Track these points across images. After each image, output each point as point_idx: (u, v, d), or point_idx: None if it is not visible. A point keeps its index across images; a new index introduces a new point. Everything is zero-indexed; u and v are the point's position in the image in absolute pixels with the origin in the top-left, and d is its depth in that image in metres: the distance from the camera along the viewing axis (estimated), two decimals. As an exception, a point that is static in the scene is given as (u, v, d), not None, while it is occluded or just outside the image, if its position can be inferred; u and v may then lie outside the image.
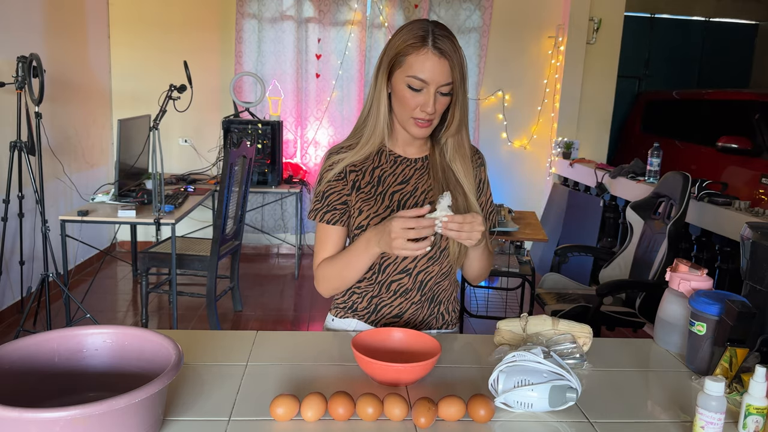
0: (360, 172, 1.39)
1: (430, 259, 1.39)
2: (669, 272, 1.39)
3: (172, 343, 0.99)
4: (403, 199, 1.38)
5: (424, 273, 1.39)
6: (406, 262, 1.38)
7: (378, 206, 1.37)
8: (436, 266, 1.40)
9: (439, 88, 1.27)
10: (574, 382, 1.07)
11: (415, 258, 1.37)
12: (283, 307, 4.12)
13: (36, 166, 3.15)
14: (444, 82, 1.27)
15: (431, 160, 1.40)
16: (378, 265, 1.39)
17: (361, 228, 1.37)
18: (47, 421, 0.79)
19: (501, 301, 4.25)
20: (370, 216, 1.36)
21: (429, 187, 1.39)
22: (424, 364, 1.11)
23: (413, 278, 1.39)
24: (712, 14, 7.12)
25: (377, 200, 1.37)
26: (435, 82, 1.26)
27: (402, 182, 1.39)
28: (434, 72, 1.25)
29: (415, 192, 1.39)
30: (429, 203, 1.34)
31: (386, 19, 4.97)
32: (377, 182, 1.38)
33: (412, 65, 1.26)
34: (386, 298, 1.41)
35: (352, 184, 1.38)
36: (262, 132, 4.47)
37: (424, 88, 1.27)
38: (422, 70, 1.26)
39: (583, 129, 5.16)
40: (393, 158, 1.40)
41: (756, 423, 1.00)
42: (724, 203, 3.03)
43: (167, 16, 4.88)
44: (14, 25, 3.61)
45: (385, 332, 1.25)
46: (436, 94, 1.28)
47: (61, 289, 3.23)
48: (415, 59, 1.26)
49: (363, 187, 1.38)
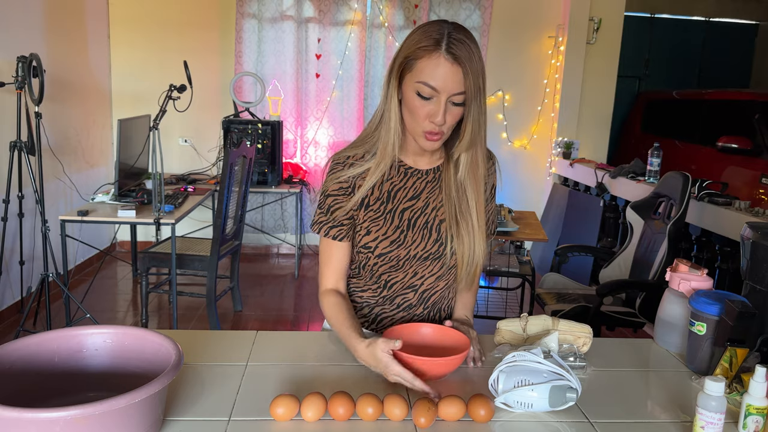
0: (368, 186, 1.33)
1: (438, 278, 1.36)
2: (669, 272, 1.39)
3: (172, 343, 0.99)
4: (413, 218, 1.32)
5: (430, 290, 1.37)
6: (413, 280, 1.36)
7: (387, 227, 1.31)
8: (442, 281, 1.37)
9: (451, 98, 1.17)
10: (574, 382, 1.07)
11: (422, 276, 1.35)
12: (283, 307, 4.12)
13: (36, 166, 3.15)
14: (456, 91, 1.16)
15: (444, 176, 1.32)
16: (384, 282, 1.37)
17: (368, 249, 1.32)
18: (47, 421, 0.79)
19: (501, 301, 4.25)
20: (379, 238, 1.31)
21: (440, 203, 1.32)
22: (453, 358, 1.13)
23: (419, 295, 1.37)
24: (712, 14, 7.13)
25: (386, 219, 1.31)
26: (446, 91, 1.16)
27: (413, 197, 1.32)
28: (446, 80, 1.15)
29: (426, 209, 1.32)
30: (440, 221, 1.31)
31: (386, 19, 4.97)
32: (387, 198, 1.32)
33: (422, 70, 1.16)
34: (389, 311, 1.39)
35: (361, 200, 1.31)
36: (262, 132, 4.47)
37: (434, 97, 1.17)
38: (433, 76, 1.15)
39: (583, 129, 5.16)
40: (404, 170, 1.33)
41: (756, 423, 1.00)
42: (724, 203, 3.03)
43: (167, 16, 4.88)
44: (14, 25, 3.61)
45: (415, 327, 1.27)
46: (448, 103, 1.18)
47: (61, 289, 3.23)
48: (426, 64, 1.16)
49: (372, 204, 1.31)
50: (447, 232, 1.31)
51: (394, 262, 1.33)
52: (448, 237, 1.31)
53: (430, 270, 1.35)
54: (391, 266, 1.34)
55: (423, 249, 1.32)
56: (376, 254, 1.33)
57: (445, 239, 1.32)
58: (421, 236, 1.32)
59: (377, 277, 1.37)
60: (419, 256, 1.33)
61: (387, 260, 1.33)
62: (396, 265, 1.34)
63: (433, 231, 1.32)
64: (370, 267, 1.36)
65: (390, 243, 1.31)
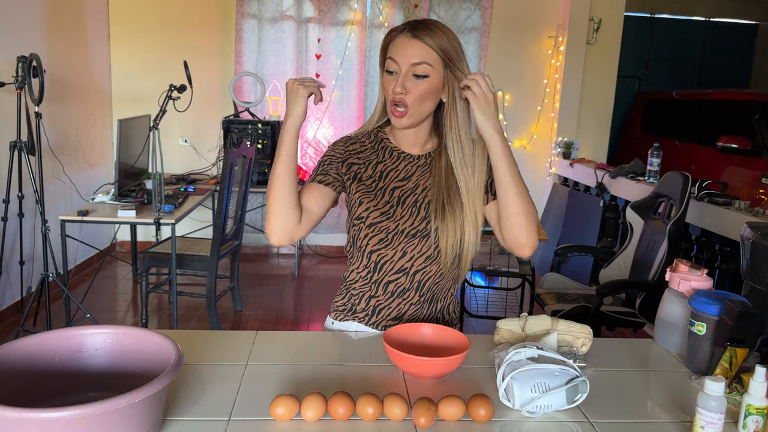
0: (363, 165, 1.40)
1: (427, 258, 1.36)
2: (669, 272, 1.39)
3: (172, 343, 0.99)
4: (403, 196, 1.37)
5: (421, 273, 1.37)
6: (403, 262, 1.36)
7: (378, 200, 1.37)
8: (434, 265, 1.37)
9: (412, 68, 1.28)
10: (579, 373, 1.08)
11: (411, 257, 1.36)
12: (283, 307, 4.12)
13: (36, 166, 3.15)
14: (415, 60, 1.27)
15: (435, 162, 1.39)
16: (374, 263, 1.38)
17: (360, 219, 1.37)
18: (47, 421, 0.79)
19: (501, 301, 4.25)
20: (370, 209, 1.36)
21: (431, 185, 1.37)
22: (453, 358, 1.14)
23: (410, 278, 1.37)
24: (712, 14, 7.12)
25: (377, 195, 1.37)
26: (405, 62, 1.28)
27: (404, 179, 1.39)
28: (405, 52, 1.28)
29: (416, 189, 1.38)
30: (430, 200, 1.35)
31: (386, 19, 4.97)
32: (378, 177, 1.39)
33: (389, 51, 1.32)
34: (383, 299, 1.39)
35: (354, 175, 1.39)
36: (262, 132, 4.47)
37: (396, 70, 1.30)
38: (394, 51, 1.30)
39: (583, 129, 5.16)
40: (396, 154, 1.41)
41: (756, 423, 1.00)
42: (724, 203, 3.03)
43: (167, 16, 4.88)
44: (14, 25, 3.61)
45: (415, 327, 1.28)
46: (410, 76, 1.28)
47: (61, 289, 3.23)
48: (391, 44, 1.31)
49: (364, 180, 1.39)
50: (433, 211, 1.35)
51: (383, 235, 1.36)
52: (433, 216, 1.34)
53: (419, 250, 1.36)
54: (380, 240, 1.36)
55: (411, 225, 1.35)
56: (367, 224, 1.36)
57: (432, 218, 1.35)
58: (410, 213, 1.36)
59: (367, 256, 1.38)
60: (407, 232, 1.35)
61: (377, 231, 1.36)
62: (385, 238, 1.36)
63: (422, 209, 1.36)
64: (360, 241, 1.38)
65: (380, 214, 1.36)
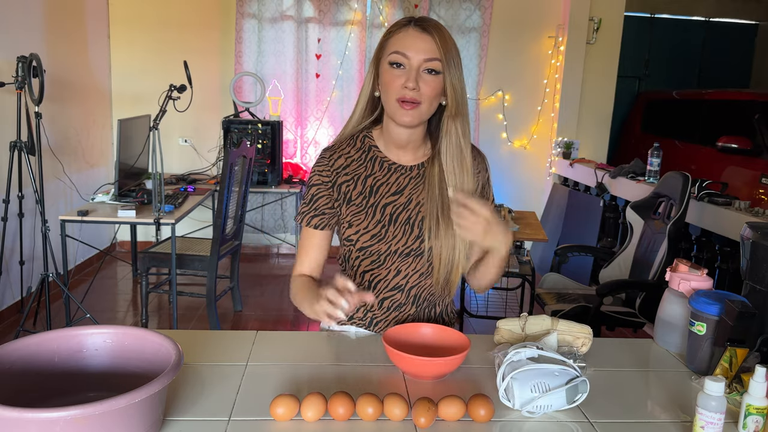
0: (352, 180, 1.32)
1: (422, 275, 1.34)
2: (669, 272, 1.39)
3: (172, 343, 0.98)
4: (395, 213, 1.31)
5: (417, 287, 1.35)
6: (397, 279, 1.34)
7: (369, 221, 1.31)
8: (429, 279, 1.35)
9: (424, 64, 1.19)
10: (579, 373, 1.08)
11: (406, 275, 1.33)
12: (283, 307, 4.12)
13: (36, 166, 3.15)
14: (428, 56, 1.19)
15: (428, 172, 1.31)
16: (368, 282, 1.35)
17: (350, 242, 1.32)
18: (47, 421, 0.79)
19: (501, 301, 4.25)
20: (360, 231, 1.31)
21: (424, 198, 1.31)
22: (453, 358, 1.14)
23: (406, 293, 1.35)
24: (712, 14, 7.12)
25: (368, 214, 1.31)
26: (417, 57, 1.19)
27: (396, 192, 1.32)
28: (416, 45, 1.19)
29: (408, 204, 1.31)
30: (423, 217, 1.30)
31: (386, 19, 4.97)
32: (369, 192, 1.31)
33: (394, 44, 1.21)
34: (380, 314, 1.38)
35: (344, 196, 1.32)
36: (262, 132, 4.47)
37: (405, 64, 1.20)
38: (403, 44, 1.20)
39: (583, 129, 5.16)
40: (387, 165, 1.33)
41: (756, 423, 1.00)
42: (724, 203, 3.03)
43: (167, 16, 4.88)
44: (14, 25, 3.61)
45: (415, 327, 1.27)
46: (422, 72, 1.20)
47: (61, 289, 3.23)
48: (397, 38, 1.22)
49: (354, 198, 1.32)
50: (427, 229, 1.30)
51: (375, 257, 1.32)
52: (428, 235, 1.30)
53: (414, 267, 1.33)
54: (372, 261, 1.33)
55: (404, 245, 1.31)
56: (357, 247, 1.32)
57: (426, 237, 1.31)
58: (403, 231, 1.31)
59: (360, 276, 1.35)
60: (400, 252, 1.32)
61: (368, 254, 1.32)
62: (377, 260, 1.33)
63: (415, 227, 1.31)
64: (352, 261, 1.36)
65: (371, 237, 1.31)
